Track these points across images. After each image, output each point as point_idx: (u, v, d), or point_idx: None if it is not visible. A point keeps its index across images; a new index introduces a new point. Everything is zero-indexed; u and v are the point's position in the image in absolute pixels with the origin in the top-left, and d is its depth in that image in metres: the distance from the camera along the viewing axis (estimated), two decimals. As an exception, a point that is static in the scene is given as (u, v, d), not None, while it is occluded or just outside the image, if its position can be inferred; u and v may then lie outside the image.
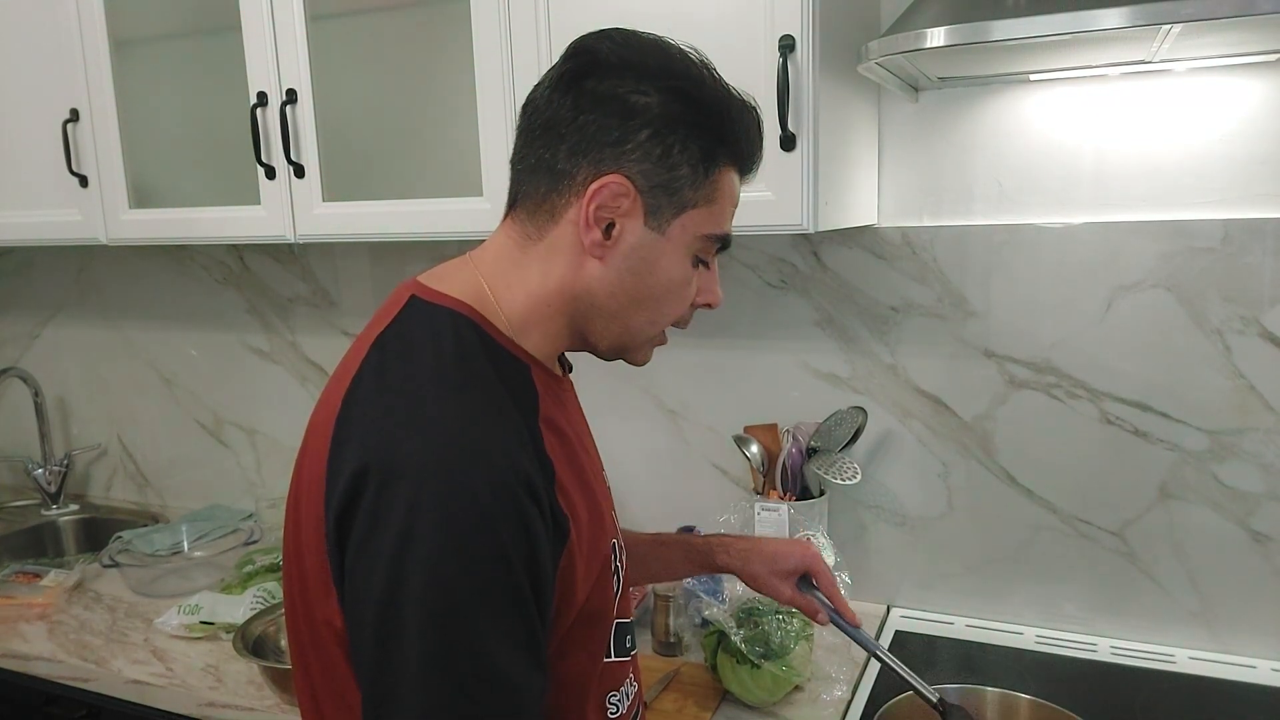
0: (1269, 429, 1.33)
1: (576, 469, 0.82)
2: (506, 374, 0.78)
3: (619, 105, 0.78)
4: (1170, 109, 1.32)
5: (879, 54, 1.10)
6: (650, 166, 0.78)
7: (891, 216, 1.51)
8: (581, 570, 0.78)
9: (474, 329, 0.78)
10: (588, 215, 0.78)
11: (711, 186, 0.81)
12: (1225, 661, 1.37)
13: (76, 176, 1.71)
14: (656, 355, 1.03)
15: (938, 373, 1.51)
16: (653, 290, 0.83)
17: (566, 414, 0.86)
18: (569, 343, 0.86)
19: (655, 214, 0.80)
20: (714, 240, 0.84)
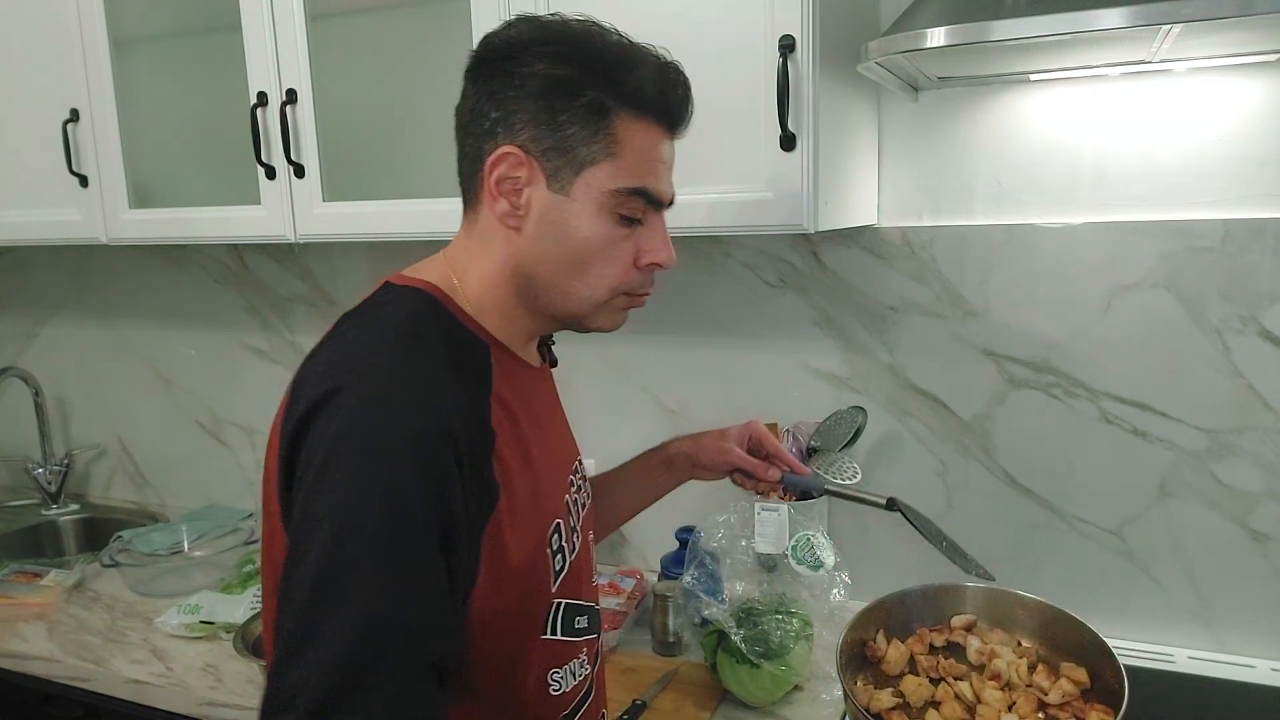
0: (1268, 428, 1.33)
1: (523, 447, 0.84)
2: (461, 347, 0.82)
3: (506, 82, 0.82)
4: (1170, 109, 1.32)
5: (879, 54, 1.10)
6: (540, 131, 0.81)
7: (891, 216, 1.51)
8: (513, 540, 0.79)
9: (434, 304, 0.83)
10: (491, 188, 0.83)
11: (610, 140, 0.82)
12: (1224, 661, 1.37)
13: (76, 176, 1.71)
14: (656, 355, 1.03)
15: (937, 372, 1.51)
16: (576, 254, 0.84)
17: (528, 399, 0.89)
18: (534, 321, 0.89)
19: (556, 176, 0.82)
20: (632, 195, 0.84)
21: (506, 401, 0.83)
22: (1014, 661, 1.14)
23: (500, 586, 0.79)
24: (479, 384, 0.82)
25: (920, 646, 1.19)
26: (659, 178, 0.86)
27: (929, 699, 1.12)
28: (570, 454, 1.00)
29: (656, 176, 0.86)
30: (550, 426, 0.96)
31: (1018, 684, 1.12)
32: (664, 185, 0.87)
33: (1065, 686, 1.09)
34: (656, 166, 0.86)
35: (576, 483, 0.99)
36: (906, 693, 1.12)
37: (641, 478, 1.21)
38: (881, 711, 1.09)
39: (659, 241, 0.89)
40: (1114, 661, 1.06)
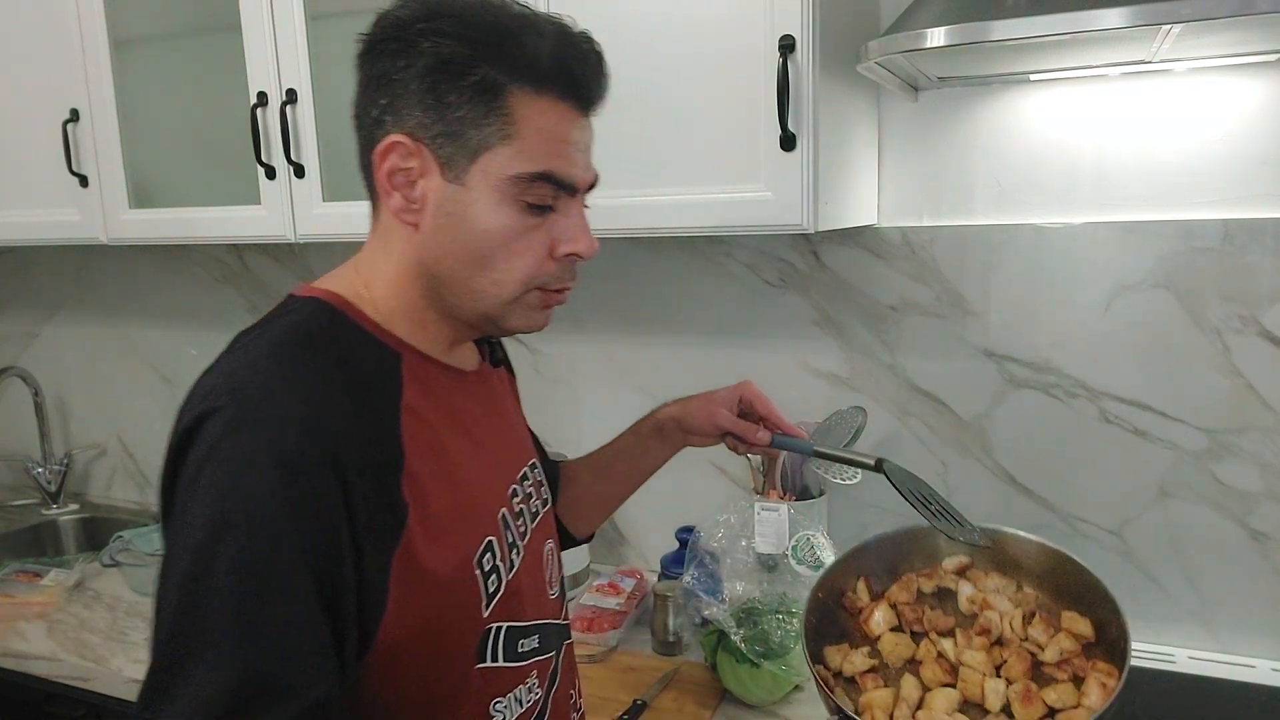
0: (1268, 428, 1.33)
1: (443, 461, 0.78)
2: (362, 358, 0.76)
3: (392, 65, 0.76)
4: (1170, 109, 1.32)
5: (879, 54, 1.10)
6: (428, 117, 0.75)
7: (891, 216, 1.51)
8: (430, 562, 0.74)
9: (332, 314, 0.78)
10: (383, 183, 0.77)
11: (504, 120, 0.75)
12: (1225, 661, 1.37)
13: (76, 176, 1.71)
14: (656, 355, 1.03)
15: (937, 372, 1.51)
16: (478, 247, 0.78)
17: (454, 408, 0.84)
18: (449, 324, 0.83)
19: (450, 165, 0.76)
20: (537, 181, 0.77)
21: (421, 413, 0.78)
22: (1008, 612, 1.04)
23: (417, 613, 0.73)
24: (383, 397, 0.76)
25: (906, 594, 1.10)
26: (568, 160, 0.78)
27: (908, 658, 1.04)
28: (515, 461, 0.94)
29: (565, 159, 0.78)
30: (487, 434, 0.89)
31: (1010, 639, 1.03)
32: (575, 168, 0.79)
33: (1064, 643, 0.99)
34: (564, 148, 0.78)
35: (524, 491, 0.92)
36: (884, 652, 1.04)
37: (634, 449, 1.14)
38: (855, 675, 1.02)
39: (576, 229, 0.81)
40: (1118, 615, 0.98)
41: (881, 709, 0.98)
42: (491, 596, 0.81)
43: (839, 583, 1.12)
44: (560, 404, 1.79)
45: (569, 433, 1.78)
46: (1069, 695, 0.95)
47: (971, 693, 0.98)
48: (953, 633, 1.05)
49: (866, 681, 1.01)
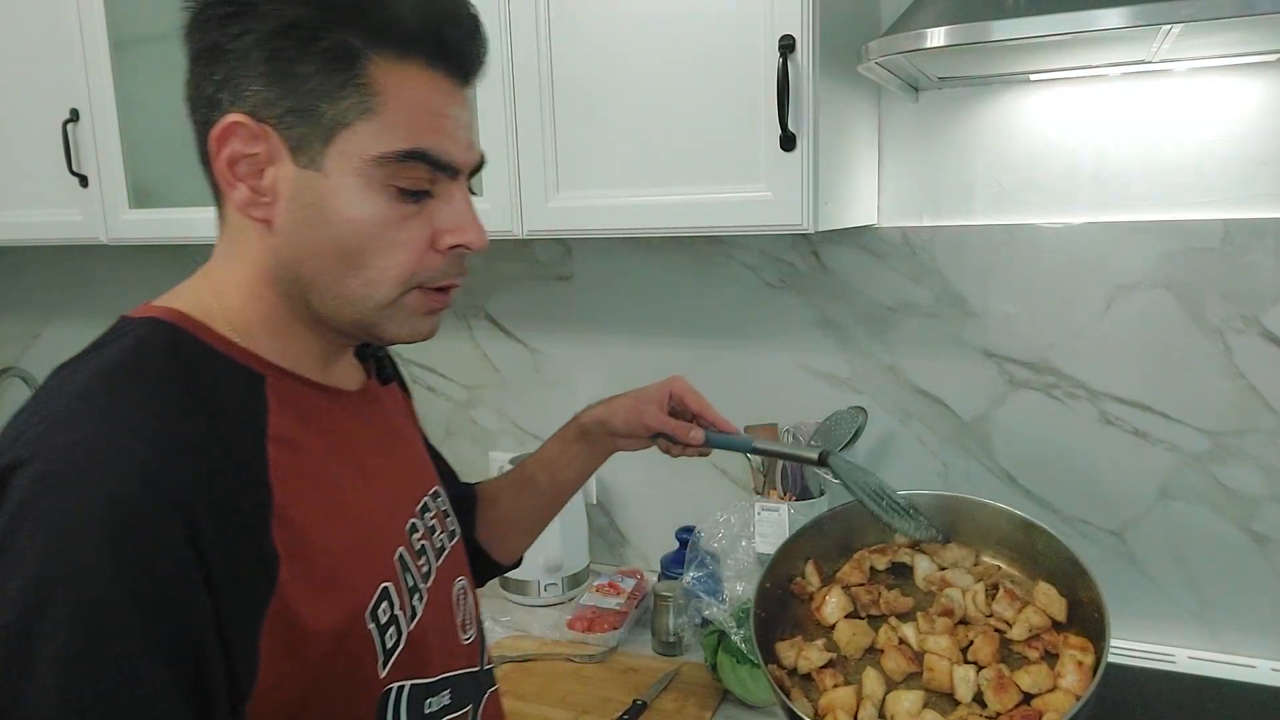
0: (1269, 430, 1.33)
1: (325, 500, 0.67)
2: (216, 384, 0.65)
3: (227, 33, 0.64)
4: (1170, 109, 1.32)
5: (879, 54, 1.10)
6: (273, 92, 0.64)
7: (891, 216, 1.51)
8: (311, 619, 0.62)
9: (173, 335, 0.66)
10: (224, 172, 0.66)
11: (364, 92, 0.64)
12: (1225, 661, 1.37)
13: (76, 176, 1.71)
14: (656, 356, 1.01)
15: (937, 373, 1.51)
16: (344, 243, 0.66)
17: (337, 434, 0.73)
18: (318, 336, 0.72)
19: (303, 148, 0.65)
20: (407, 161, 0.66)
21: (293, 443, 0.67)
22: (970, 588, 0.98)
23: (298, 681, 0.62)
24: (244, 428, 0.64)
25: (859, 573, 1.02)
26: (446, 135, 0.67)
27: (867, 647, 0.96)
28: (414, 491, 0.83)
29: (441, 134, 0.67)
30: (378, 463, 0.77)
31: (976, 617, 0.96)
32: (454, 145, 0.68)
33: (1032, 619, 0.93)
34: (440, 122, 0.67)
35: (426, 524, 0.81)
36: (840, 643, 0.95)
37: (559, 459, 1.04)
38: (812, 671, 0.94)
39: (461, 217, 0.70)
40: (1089, 580, 0.92)
41: (844, 710, 0.91)
42: (390, 653, 0.70)
43: (786, 568, 1.05)
44: (559, 405, 1.78)
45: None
46: (1043, 677, 0.89)
47: (939, 683, 0.91)
48: (913, 615, 0.97)
49: (825, 678, 0.93)
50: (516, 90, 1.32)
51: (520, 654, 1.47)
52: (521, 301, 1.80)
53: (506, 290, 1.81)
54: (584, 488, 1.73)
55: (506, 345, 1.84)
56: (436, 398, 1.92)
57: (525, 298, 1.80)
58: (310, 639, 0.63)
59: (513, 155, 1.34)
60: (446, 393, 1.91)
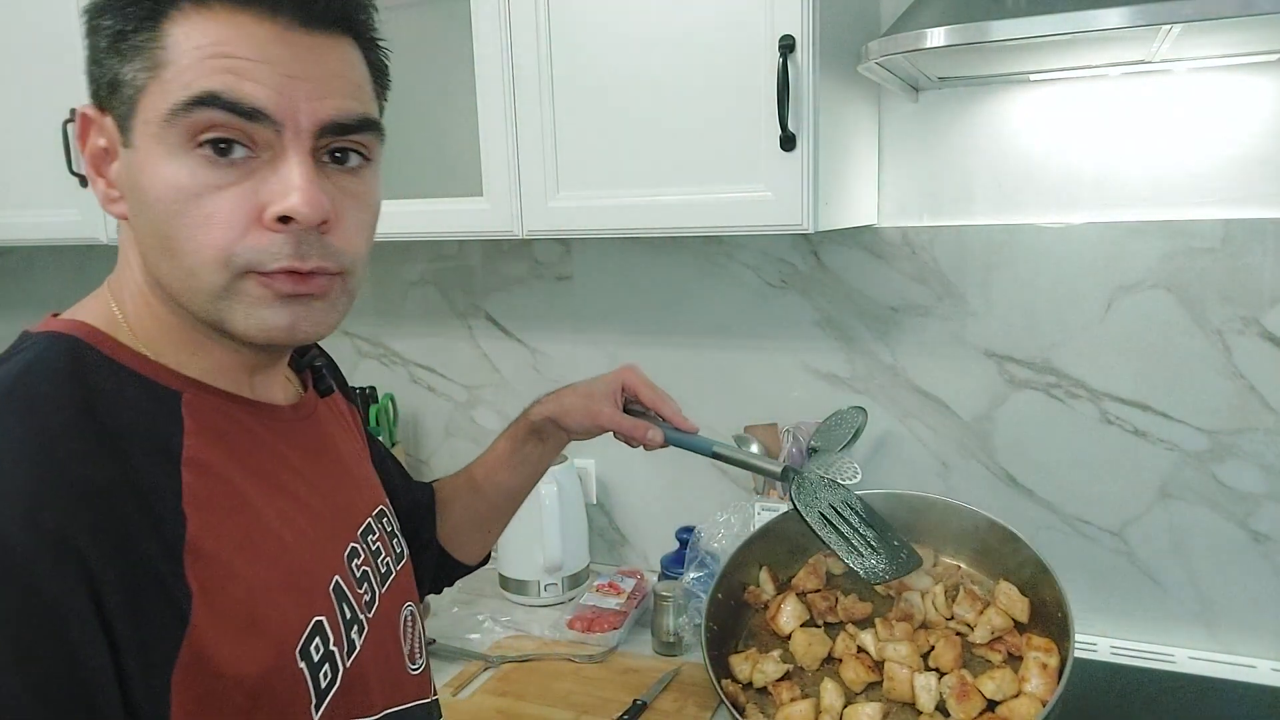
0: (1269, 429, 1.33)
1: (248, 529, 0.61)
2: (123, 403, 0.59)
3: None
4: (1170, 109, 1.32)
5: (879, 54, 1.10)
6: (94, 74, 0.60)
7: (891, 216, 1.51)
8: (231, 663, 0.57)
9: (75, 351, 0.60)
10: (86, 168, 0.63)
11: (155, 49, 0.57)
12: (1225, 661, 1.37)
13: (76, 176, 1.71)
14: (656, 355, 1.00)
15: (938, 373, 1.51)
16: (156, 224, 0.59)
17: (265, 454, 0.66)
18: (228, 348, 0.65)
19: (124, 127, 0.60)
20: (194, 109, 0.57)
21: (212, 468, 0.60)
22: (930, 591, 0.94)
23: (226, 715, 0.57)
24: (155, 453, 0.58)
25: (815, 578, 0.99)
26: (249, 77, 0.57)
27: (824, 657, 0.92)
28: (355, 514, 0.76)
29: (241, 75, 0.57)
30: (314, 484, 0.71)
31: (937, 621, 0.92)
32: (263, 88, 0.57)
33: (994, 620, 0.90)
34: (239, 65, 0.57)
35: (369, 549, 0.75)
36: (796, 654, 0.92)
37: (512, 458, 1.01)
38: (768, 685, 0.90)
39: (289, 182, 0.59)
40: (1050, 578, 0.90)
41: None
42: (324, 693, 0.63)
43: (739, 576, 1.00)
44: (560, 404, 1.79)
45: (569, 433, 1.78)
46: (1007, 682, 0.87)
47: (900, 692, 0.88)
48: (871, 622, 0.93)
49: (781, 691, 0.90)
50: (516, 90, 1.32)
51: (520, 654, 1.47)
52: (521, 301, 1.80)
53: (506, 290, 1.81)
54: (584, 488, 1.74)
55: (506, 345, 1.84)
56: (436, 398, 1.92)
57: (525, 298, 1.80)
58: (230, 685, 0.57)
59: (513, 155, 1.34)
60: (446, 393, 1.91)
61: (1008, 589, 0.92)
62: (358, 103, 0.63)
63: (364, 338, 1.96)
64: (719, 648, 0.94)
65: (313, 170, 0.60)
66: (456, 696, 1.36)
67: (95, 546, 0.51)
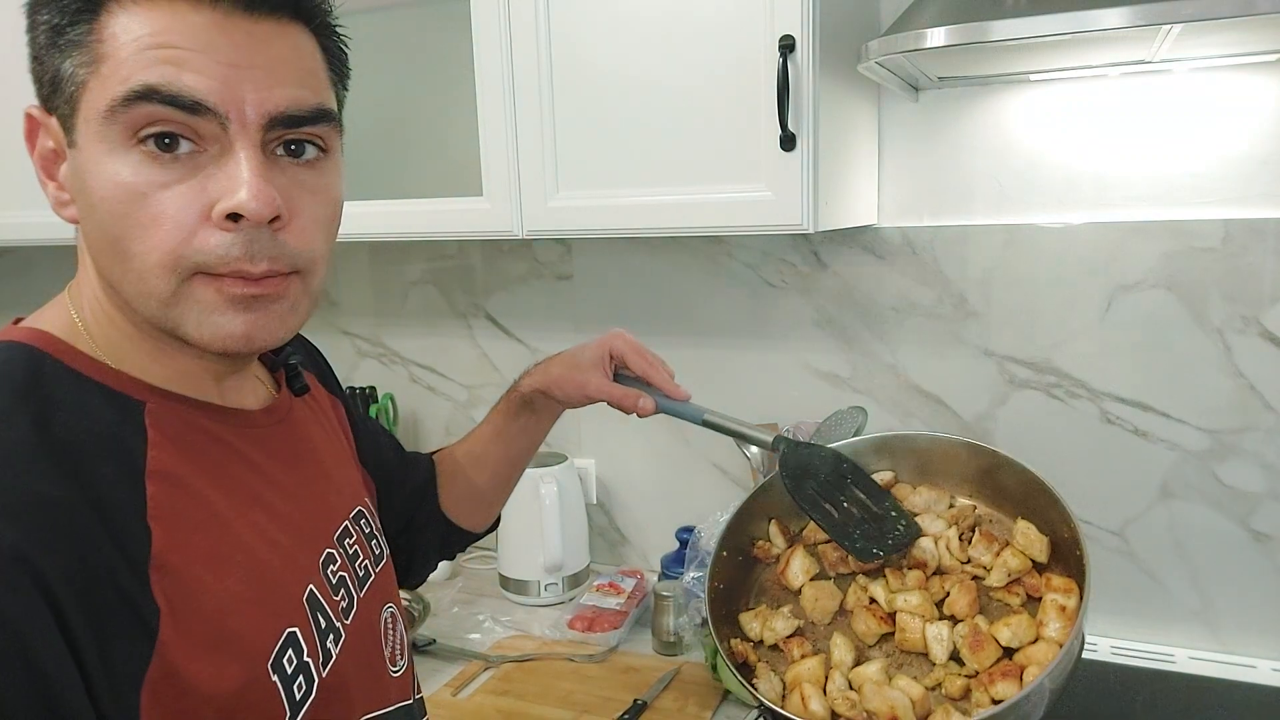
0: (1269, 428, 1.33)
1: (217, 541, 0.59)
2: (84, 415, 0.56)
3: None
4: (1170, 108, 1.32)
5: (879, 54, 1.10)
6: (39, 69, 0.59)
7: (891, 216, 1.51)
8: (201, 679, 0.55)
9: (33, 360, 0.57)
10: (38, 172, 0.60)
11: (93, 43, 0.56)
12: (1225, 661, 1.37)
13: (76, 176, 1.71)
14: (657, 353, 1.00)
15: (938, 372, 1.51)
16: (104, 227, 0.56)
17: (230, 464, 0.64)
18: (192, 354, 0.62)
19: (67, 128, 0.58)
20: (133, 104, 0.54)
21: (178, 480, 0.58)
22: (942, 535, 0.91)
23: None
24: (117, 466, 0.56)
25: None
26: (188, 67, 0.54)
27: (835, 610, 0.89)
28: (332, 517, 0.74)
29: (179, 65, 0.54)
30: (288, 490, 0.69)
31: (952, 566, 0.89)
32: (203, 77, 0.55)
33: (1010, 562, 0.86)
34: (178, 55, 0.55)
35: (347, 553, 0.73)
36: (806, 609, 0.89)
37: (508, 431, 1.00)
38: (779, 642, 0.88)
39: (236, 177, 0.56)
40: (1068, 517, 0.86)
41: (812, 683, 0.84)
42: (299, 705, 0.62)
43: (747, 531, 0.97)
44: (560, 404, 1.79)
45: (569, 433, 1.78)
46: (1025, 628, 0.83)
47: (913, 643, 0.85)
48: (883, 572, 0.91)
49: (793, 648, 0.87)
50: (516, 90, 1.32)
51: (520, 654, 1.47)
52: (521, 301, 1.80)
53: (506, 290, 1.81)
54: (584, 488, 1.74)
55: (506, 345, 1.84)
56: (436, 398, 1.92)
57: (525, 297, 1.80)
58: (201, 702, 0.55)
59: (513, 155, 1.34)
60: (446, 393, 1.91)
61: (1026, 528, 0.88)
62: (309, 92, 0.60)
63: (364, 338, 1.96)
64: (726, 605, 0.91)
65: (262, 164, 0.57)
66: (456, 696, 1.36)
67: (53, 564, 0.49)
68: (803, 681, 0.84)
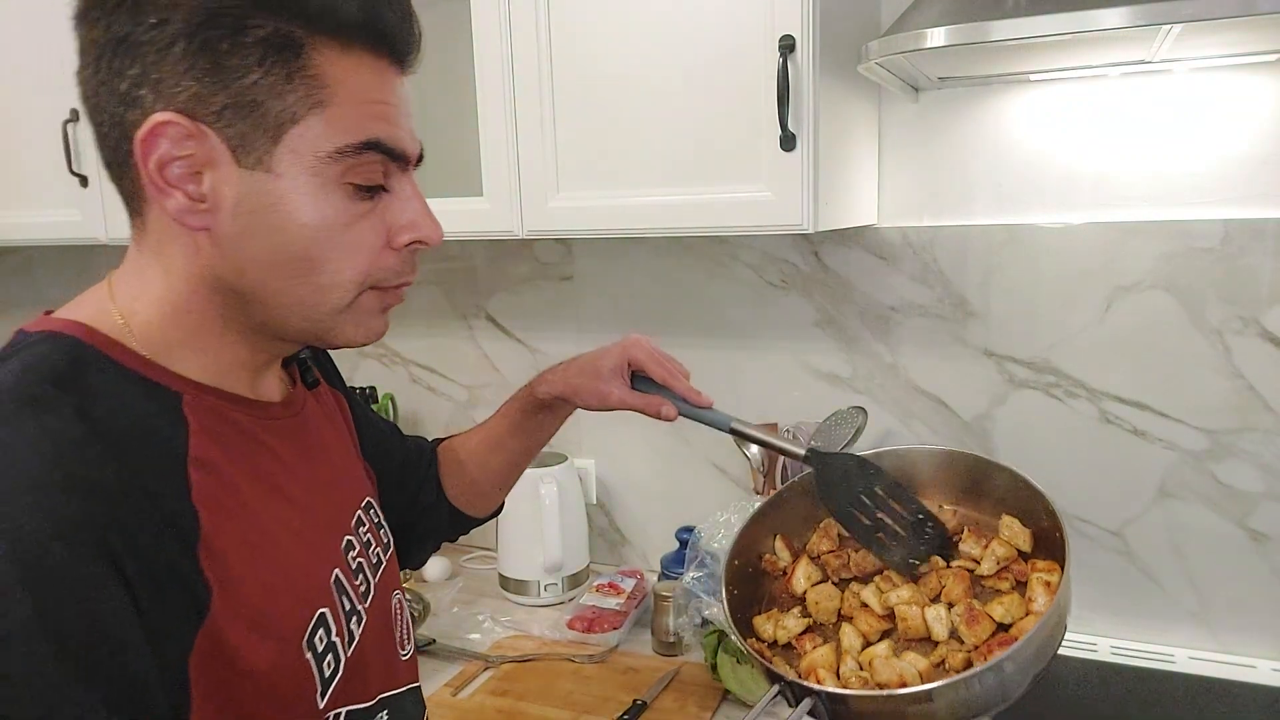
0: (1268, 429, 1.33)
1: (251, 529, 0.63)
2: (127, 405, 0.59)
3: (130, 25, 0.58)
4: (1170, 109, 1.32)
5: (879, 54, 1.10)
6: (204, 87, 0.58)
7: (891, 216, 1.51)
8: (245, 653, 0.59)
9: (77, 351, 0.60)
10: (153, 178, 0.60)
11: (312, 84, 0.60)
12: (1225, 661, 1.37)
13: (76, 176, 1.71)
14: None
15: (938, 372, 1.51)
16: (296, 249, 0.62)
17: (263, 452, 0.68)
18: (253, 346, 0.67)
19: (246, 148, 0.60)
20: (364, 152, 0.62)
21: (216, 466, 0.62)
22: None
23: (234, 714, 0.59)
24: (161, 454, 0.59)
25: (828, 541, 1.02)
26: (394, 124, 0.64)
27: (838, 609, 0.95)
28: (347, 507, 0.78)
29: (390, 122, 0.64)
30: (307, 482, 0.72)
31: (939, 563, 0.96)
32: (403, 133, 0.65)
33: (998, 551, 0.93)
34: (388, 111, 0.64)
35: (362, 539, 0.78)
36: (812, 610, 0.95)
37: (525, 425, 1.03)
38: (792, 640, 0.93)
39: (416, 211, 0.66)
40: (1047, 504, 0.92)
41: (826, 668, 0.90)
42: (329, 682, 0.66)
43: (755, 545, 1.03)
44: (560, 404, 1.79)
45: (569, 433, 1.77)
46: (1015, 606, 0.89)
47: (915, 630, 0.91)
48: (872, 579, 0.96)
49: (805, 643, 0.93)
50: (516, 90, 1.32)
51: (520, 654, 1.48)
52: (522, 301, 1.80)
53: (507, 290, 1.81)
54: (584, 488, 1.75)
55: (506, 345, 1.84)
56: (436, 398, 1.92)
57: (526, 298, 1.80)
58: (243, 674, 0.59)
59: (513, 155, 1.34)
60: (446, 393, 1.91)
61: (1010, 522, 0.95)
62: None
63: (364, 338, 1.96)
64: (741, 612, 0.96)
65: (423, 197, 0.68)
66: (456, 696, 1.36)
67: (115, 537, 0.53)
68: (817, 667, 0.90)
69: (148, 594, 0.54)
